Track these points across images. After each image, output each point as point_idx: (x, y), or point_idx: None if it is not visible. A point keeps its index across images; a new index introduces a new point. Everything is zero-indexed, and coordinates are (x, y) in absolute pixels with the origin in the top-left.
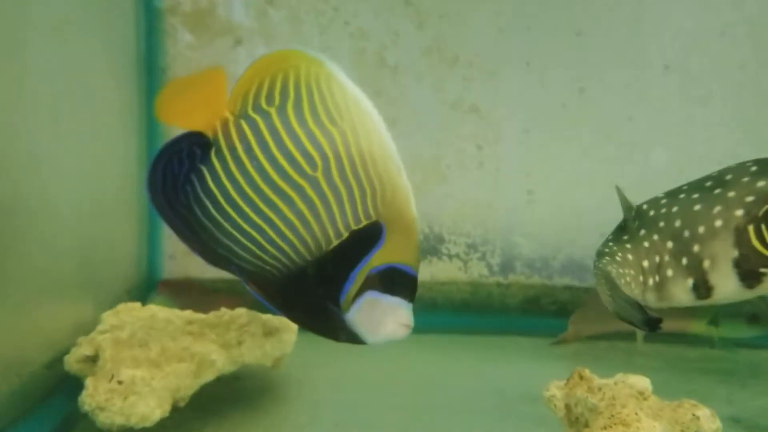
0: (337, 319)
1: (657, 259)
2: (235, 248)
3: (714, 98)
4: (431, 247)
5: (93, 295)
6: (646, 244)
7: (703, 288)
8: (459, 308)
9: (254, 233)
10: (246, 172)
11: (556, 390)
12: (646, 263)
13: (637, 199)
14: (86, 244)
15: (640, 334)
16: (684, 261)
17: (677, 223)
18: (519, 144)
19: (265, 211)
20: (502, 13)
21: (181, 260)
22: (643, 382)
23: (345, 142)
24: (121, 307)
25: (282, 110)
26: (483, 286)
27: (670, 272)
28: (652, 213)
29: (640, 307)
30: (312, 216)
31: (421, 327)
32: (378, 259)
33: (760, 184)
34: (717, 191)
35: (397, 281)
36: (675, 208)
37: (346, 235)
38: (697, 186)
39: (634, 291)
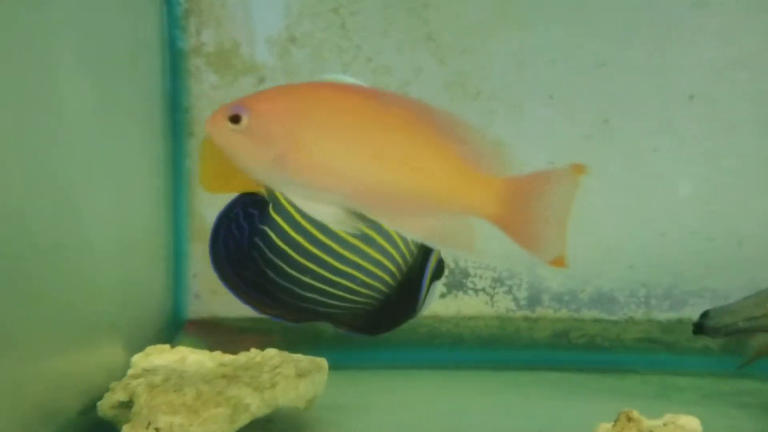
0: (407, 317)
1: None
2: (323, 299)
3: (740, 128)
4: (456, 282)
5: (124, 337)
6: None
7: None
8: (486, 343)
9: (344, 281)
10: (314, 219)
11: None
12: None
13: (663, 229)
14: (117, 286)
15: None
16: None
17: None
18: None
19: (348, 256)
20: (524, 47)
21: (206, 299)
22: (693, 423)
23: None
24: (150, 349)
25: None
26: (510, 320)
27: None
28: None
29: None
30: (392, 247)
31: (448, 363)
32: (433, 259)
33: None
34: None
35: (443, 268)
36: None
37: (415, 251)
38: None
39: None
